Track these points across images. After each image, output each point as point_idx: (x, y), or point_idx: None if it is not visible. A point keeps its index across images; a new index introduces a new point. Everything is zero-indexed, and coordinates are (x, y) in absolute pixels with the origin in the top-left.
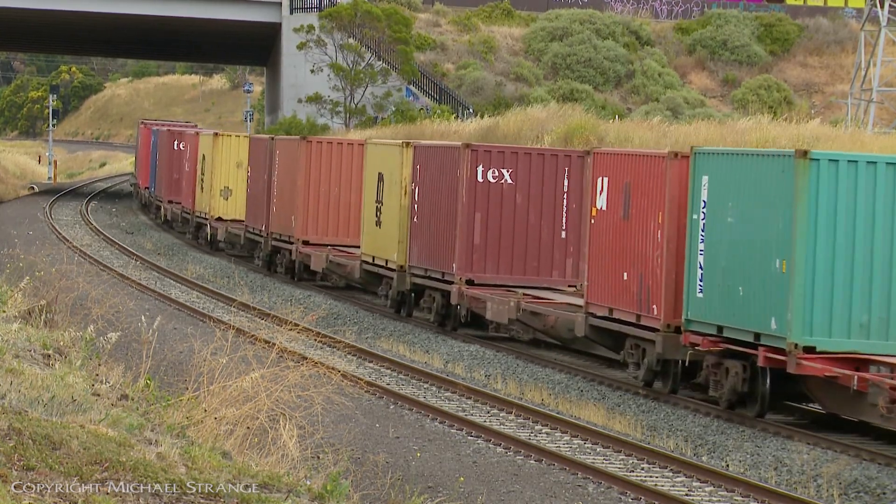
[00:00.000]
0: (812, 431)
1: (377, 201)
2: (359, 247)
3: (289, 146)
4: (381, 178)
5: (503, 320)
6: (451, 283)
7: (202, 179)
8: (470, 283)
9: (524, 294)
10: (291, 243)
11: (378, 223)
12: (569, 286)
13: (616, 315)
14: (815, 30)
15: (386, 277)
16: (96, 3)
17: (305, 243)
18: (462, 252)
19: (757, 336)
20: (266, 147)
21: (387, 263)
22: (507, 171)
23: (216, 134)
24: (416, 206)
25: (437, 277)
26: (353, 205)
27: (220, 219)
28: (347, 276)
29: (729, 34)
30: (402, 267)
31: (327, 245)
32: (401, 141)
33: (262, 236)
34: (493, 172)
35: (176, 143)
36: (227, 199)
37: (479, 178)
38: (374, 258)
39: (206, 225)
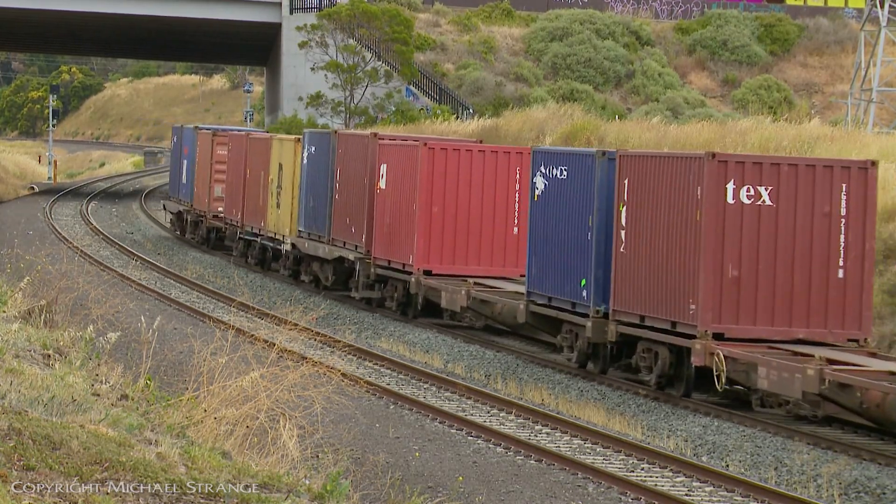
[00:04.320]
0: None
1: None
2: (505, 278)
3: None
4: None
5: (794, 394)
6: (687, 335)
7: None
8: (719, 337)
9: (827, 359)
10: (408, 272)
11: None
12: (848, 341)
13: None
14: (815, 30)
15: (570, 324)
16: (96, 3)
17: (427, 273)
18: (708, 293)
19: None
20: None
21: (574, 307)
22: (766, 190)
23: None
24: (622, 233)
25: (663, 328)
26: (496, 225)
27: None
28: (498, 318)
29: (729, 34)
30: (600, 311)
31: (460, 277)
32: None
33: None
34: (749, 191)
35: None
36: None
37: (731, 199)
38: (550, 299)
39: None
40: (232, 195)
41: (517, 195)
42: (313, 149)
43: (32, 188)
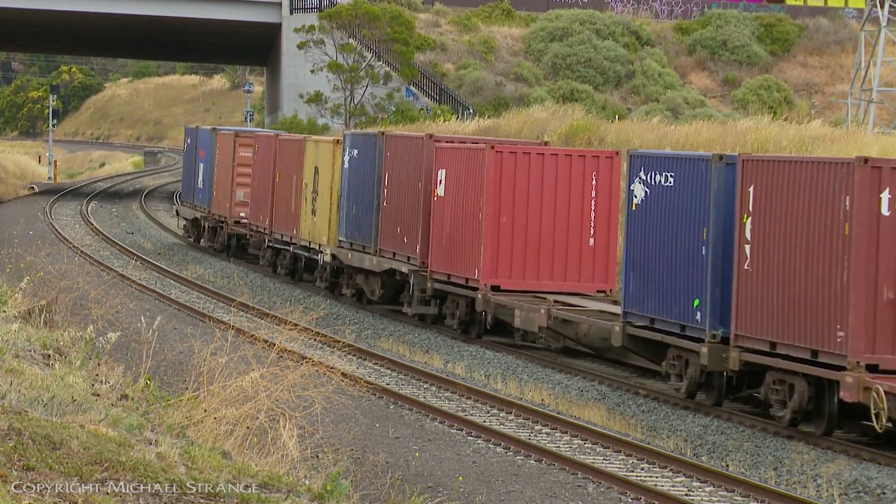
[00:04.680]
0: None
1: None
2: (580, 294)
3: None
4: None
5: None
6: (833, 367)
7: None
8: (872, 368)
9: None
10: (472, 288)
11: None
12: None
13: None
14: (816, 30)
15: (678, 349)
16: (96, 3)
17: (495, 289)
18: (859, 318)
19: None
20: None
21: (683, 330)
22: None
23: None
24: (747, 247)
25: (800, 357)
26: (570, 236)
27: None
28: (582, 340)
29: (729, 34)
30: (717, 336)
31: (531, 293)
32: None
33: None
34: None
35: None
36: None
37: (885, 211)
38: (653, 320)
39: None
40: (258, 200)
41: (593, 203)
42: (356, 152)
43: (32, 188)
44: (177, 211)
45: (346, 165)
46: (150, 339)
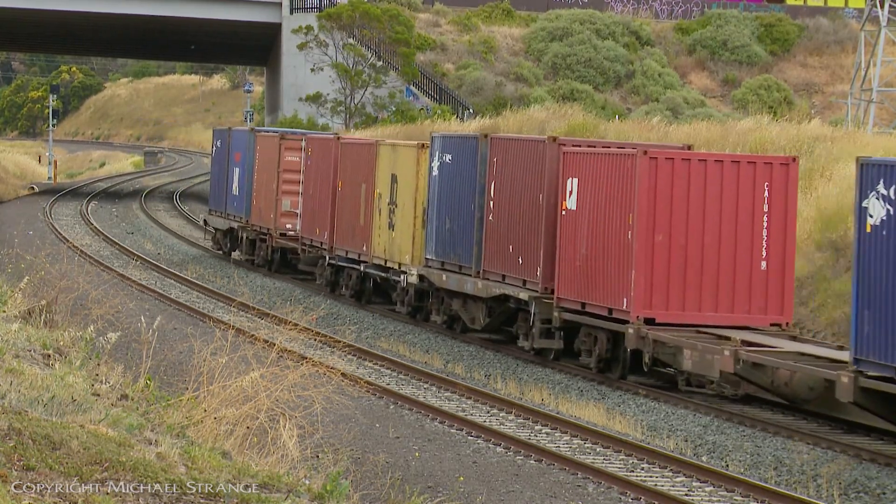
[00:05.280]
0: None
1: None
2: (749, 328)
3: None
4: None
5: None
6: None
7: None
8: None
9: None
10: (618, 320)
11: None
12: None
13: None
14: (815, 30)
15: None
16: (96, 3)
17: (649, 322)
18: None
19: None
20: None
21: None
22: None
23: None
24: None
25: None
26: (738, 259)
27: None
28: (779, 390)
29: (729, 34)
30: None
31: (691, 326)
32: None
33: None
34: None
35: None
36: None
37: None
38: None
39: None
40: (313, 211)
41: (765, 218)
42: (448, 157)
43: (32, 188)
44: (204, 220)
45: (436, 173)
46: (150, 339)
